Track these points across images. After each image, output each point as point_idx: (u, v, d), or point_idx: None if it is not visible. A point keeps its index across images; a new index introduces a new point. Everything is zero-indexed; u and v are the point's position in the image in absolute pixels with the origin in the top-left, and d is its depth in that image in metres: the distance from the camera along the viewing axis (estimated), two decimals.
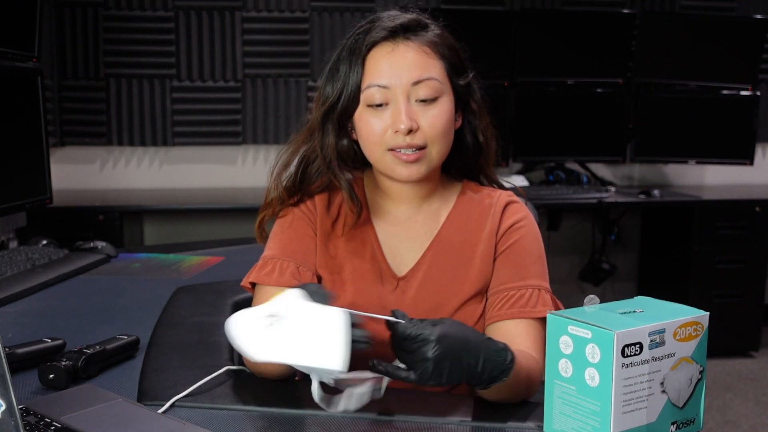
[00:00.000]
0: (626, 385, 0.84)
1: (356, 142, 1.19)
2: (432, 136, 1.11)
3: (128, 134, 3.66)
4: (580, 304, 0.91)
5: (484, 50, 3.59)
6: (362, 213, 1.19)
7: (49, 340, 1.22)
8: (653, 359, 0.86)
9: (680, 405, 0.90)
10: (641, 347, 0.85)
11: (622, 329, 0.83)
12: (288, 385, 1.17)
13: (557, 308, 1.13)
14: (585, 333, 0.85)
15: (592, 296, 0.92)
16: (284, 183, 1.21)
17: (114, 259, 2.03)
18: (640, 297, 0.97)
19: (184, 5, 3.60)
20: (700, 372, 0.92)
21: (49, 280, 1.73)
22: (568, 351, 0.87)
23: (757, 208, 3.54)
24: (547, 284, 1.17)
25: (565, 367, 0.88)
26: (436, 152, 1.13)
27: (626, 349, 0.84)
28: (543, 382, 0.94)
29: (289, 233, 1.20)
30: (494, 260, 1.17)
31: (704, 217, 3.50)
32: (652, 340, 0.86)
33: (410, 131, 1.09)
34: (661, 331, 0.86)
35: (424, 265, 1.18)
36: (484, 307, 1.17)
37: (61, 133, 3.62)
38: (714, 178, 4.12)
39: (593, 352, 0.85)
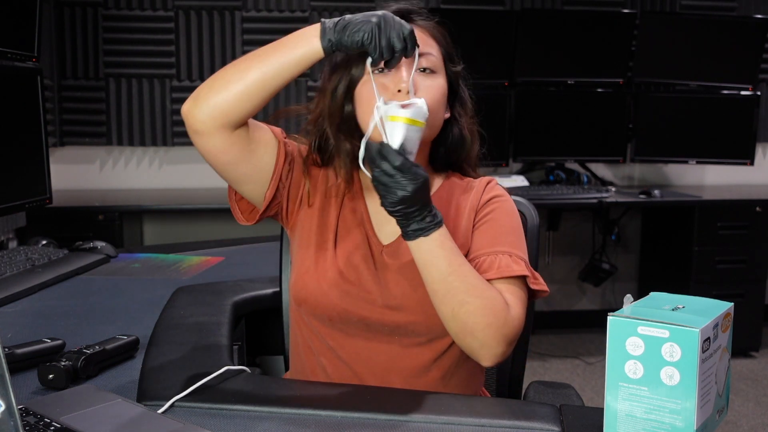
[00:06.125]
0: (702, 380, 0.86)
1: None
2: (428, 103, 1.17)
3: (128, 134, 3.66)
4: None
5: (484, 50, 3.61)
6: (356, 185, 1.26)
7: (49, 340, 1.22)
8: (713, 352, 0.89)
9: (720, 393, 0.92)
10: (710, 342, 0.87)
11: (700, 326, 0.84)
12: (288, 384, 1.17)
13: (534, 276, 1.16)
14: (661, 333, 0.86)
15: (628, 295, 0.93)
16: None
17: (114, 260, 2.03)
18: (655, 293, 0.98)
19: (184, 5, 3.60)
20: (728, 360, 0.95)
21: (49, 280, 1.73)
22: (638, 352, 0.88)
23: (757, 208, 3.54)
24: (520, 253, 1.19)
25: (633, 369, 0.88)
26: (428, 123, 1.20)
27: (703, 344, 0.85)
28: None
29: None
30: (472, 233, 1.23)
31: (704, 217, 3.50)
32: (714, 334, 0.88)
33: (409, 93, 1.15)
34: (717, 325, 0.89)
35: None
36: None
37: (61, 133, 3.62)
38: (714, 178, 4.12)
39: (672, 351, 0.85)
